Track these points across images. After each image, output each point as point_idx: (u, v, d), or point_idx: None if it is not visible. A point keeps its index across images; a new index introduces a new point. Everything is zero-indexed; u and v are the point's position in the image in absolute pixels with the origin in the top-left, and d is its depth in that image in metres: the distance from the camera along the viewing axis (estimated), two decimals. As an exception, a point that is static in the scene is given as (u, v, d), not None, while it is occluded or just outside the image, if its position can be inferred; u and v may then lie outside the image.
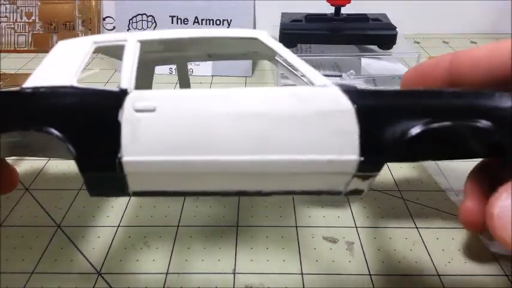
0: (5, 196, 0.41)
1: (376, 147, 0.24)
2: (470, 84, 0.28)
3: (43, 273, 0.33)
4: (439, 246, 0.36)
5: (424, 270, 0.33)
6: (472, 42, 0.82)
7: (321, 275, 0.33)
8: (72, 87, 0.25)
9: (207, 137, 0.24)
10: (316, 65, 0.64)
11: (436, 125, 0.23)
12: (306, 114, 0.24)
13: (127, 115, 0.24)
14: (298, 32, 0.63)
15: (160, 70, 0.65)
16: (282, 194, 0.26)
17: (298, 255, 0.35)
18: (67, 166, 0.45)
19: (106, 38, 0.28)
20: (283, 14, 0.68)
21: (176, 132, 0.24)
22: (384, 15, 0.66)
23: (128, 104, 0.25)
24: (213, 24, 0.65)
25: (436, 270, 0.33)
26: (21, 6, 0.77)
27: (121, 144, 0.24)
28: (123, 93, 0.25)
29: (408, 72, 0.33)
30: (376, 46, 0.64)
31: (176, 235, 0.37)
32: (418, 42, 0.81)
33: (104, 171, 0.25)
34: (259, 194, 0.26)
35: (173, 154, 0.24)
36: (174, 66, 0.65)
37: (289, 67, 0.33)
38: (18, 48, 0.77)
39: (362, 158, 0.24)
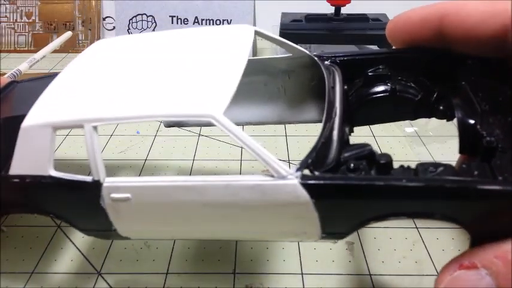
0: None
1: (336, 229, 0.26)
2: (462, 47, 0.27)
3: (43, 273, 0.33)
4: (439, 246, 0.36)
5: (424, 270, 0.33)
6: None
7: (321, 275, 0.33)
8: (51, 177, 0.27)
9: (180, 220, 0.27)
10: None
11: (392, 218, 0.24)
12: (268, 205, 0.25)
13: (108, 202, 0.26)
14: (298, 32, 0.63)
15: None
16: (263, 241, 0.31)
17: (298, 255, 0.35)
18: (67, 166, 0.45)
19: (64, 122, 0.27)
20: (283, 14, 0.68)
21: (152, 215, 0.27)
22: (384, 15, 0.66)
23: (105, 193, 0.26)
24: (212, 24, 0.65)
25: (436, 270, 0.33)
26: (21, 6, 0.77)
27: (111, 222, 0.27)
28: (97, 184, 0.26)
29: (393, 23, 0.30)
30: (376, 46, 0.64)
31: (176, 235, 0.37)
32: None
33: (106, 236, 0.30)
34: (244, 240, 0.32)
35: (155, 229, 0.29)
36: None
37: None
38: (18, 48, 0.77)
39: (324, 235, 0.26)
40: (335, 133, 0.27)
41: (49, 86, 0.30)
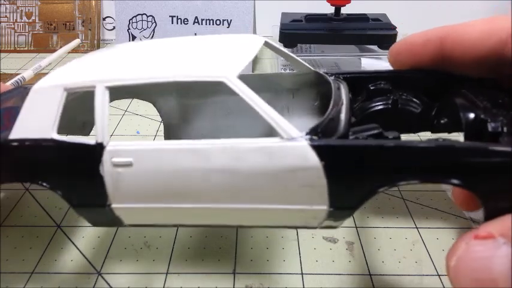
0: (5, 196, 0.41)
1: (344, 201, 0.25)
2: (461, 67, 0.27)
3: (43, 273, 0.33)
4: (439, 246, 0.36)
5: (424, 270, 0.33)
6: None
7: (321, 275, 0.33)
8: (53, 141, 0.26)
9: (182, 189, 0.26)
10: (316, 65, 0.64)
11: (403, 183, 0.24)
12: (274, 169, 0.24)
13: (107, 169, 0.26)
14: (298, 32, 0.63)
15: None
16: (263, 227, 0.28)
17: (298, 255, 0.35)
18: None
19: (76, 84, 0.28)
20: (283, 14, 0.68)
21: (154, 184, 0.26)
22: (384, 15, 0.66)
23: (106, 158, 0.25)
24: (213, 24, 0.65)
25: (436, 270, 0.33)
26: (21, 6, 0.77)
27: (107, 194, 0.26)
28: (100, 147, 0.26)
29: (396, 46, 0.31)
30: (376, 46, 0.64)
31: (176, 235, 0.37)
32: (418, 42, 0.81)
33: (96, 215, 0.28)
34: (240, 226, 0.28)
35: (153, 202, 0.27)
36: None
37: (288, 56, 0.34)
38: (18, 48, 0.77)
39: (331, 209, 0.25)
40: (342, 115, 0.27)
41: (64, 66, 0.30)
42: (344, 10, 0.64)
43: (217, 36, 0.34)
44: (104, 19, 0.80)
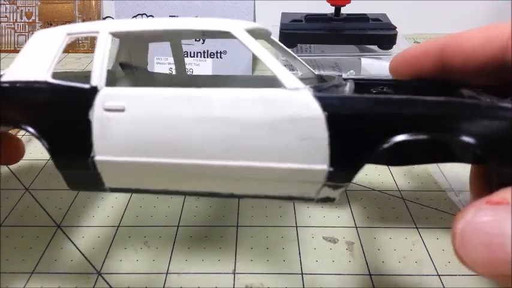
0: (4, 196, 0.41)
1: (345, 159, 0.23)
2: (461, 76, 0.27)
3: (43, 273, 0.33)
4: (439, 246, 0.36)
5: (424, 270, 0.33)
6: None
7: (321, 275, 0.33)
8: (46, 83, 0.25)
9: (175, 140, 0.24)
10: (316, 65, 0.64)
11: (412, 138, 0.22)
12: (274, 119, 0.23)
13: (97, 114, 0.24)
14: (298, 32, 0.63)
15: (160, 69, 0.65)
16: (254, 197, 0.26)
17: (298, 255, 0.35)
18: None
19: (79, 28, 0.28)
20: (283, 14, 0.68)
21: (145, 134, 0.24)
22: (384, 15, 0.66)
23: (98, 102, 0.24)
24: (213, 24, 0.65)
25: (436, 270, 0.33)
26: (21, 6, 0.77)
27: (93, 143, 0.24)
28: (93, 91, 0.24)
29: (397, 58, 0.31)
30: (376, 46, 0.64)
31: (176, 235, 0.37)
32: (418, 42, 0.81)
33: (78, 169, 0.26)
34: (231, 196, 0.26)
35: (143, 155, 0.25)
36: (174, 66, 0.65)
37: (286, 50, 0.34)
38: (18, 48, 0.77)
39: (331, 169, 0.23)
40: (347, 88, 0.26)
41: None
42: (344, 10, 0.64)
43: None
44: (103, 19, 0.80)
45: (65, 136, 0.25)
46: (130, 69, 0.38)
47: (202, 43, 0.66)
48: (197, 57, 0.66)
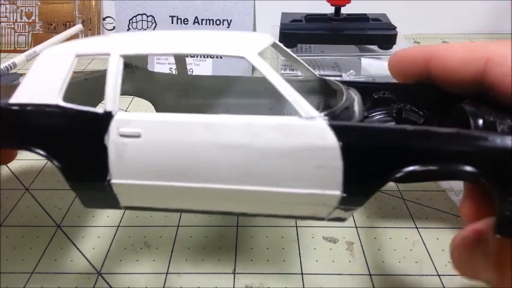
0: (4, 196, 0.41)
1: (359, 186, 0.24)
2: (448, 88, 0.28)
3: (43, 273, 0.33)
4: (439, 246, 0.36)
5: (424, 270, 0.33)
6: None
7: (321, 275, 0.33)
8: (57, 107, 0.25)
9: (191, 165, 0.24)
10: (316, 65, 0.64)
11: (423, 168, 0.23)
12: (291, 148, 0.23)
13: (113, 139, 0.24)
14: (298, 32, 0.63)
15: (160, 69, 0.65)
16: (267, 217, 0.27)
17: (298, 255, 0.35)
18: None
19: (89, 49, 0.27)
20: (283, 14, 0.68)
21: (161, 159, 0.24)
22: (384, 15, 0.66)
23: (113, 128, 0.24)
24: (213, 24, 0.65)
25: (436, 270, 0.33)
26: (21, 6, 0.77)
27: (109, 167, 0.25)
28: (108, 116, 0.25)
29: (393, 58, 0.32)
30: (376, 46, 0.64)
31: (176, 235, 0.37)
32: (418, 42, 0.81)
33: (94, 191, 0.26)
34: (244, 215, 0.27)
35: (158, 179, 0.25)
36: (174, 66, 0.65)
37: (290, 55, 0.34)
38: (18, 48, 0.77)
39: (345, 195, 0.24)
40: (356, 108, 0.26)
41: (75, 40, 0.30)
42: (344, 10, 0.64)
43: (226, 31, 0.34)
44: (103, 19, 0.80)
45: (79, 160, 0.26)
46: (130, 68, 0.38)
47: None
48: (197, 57, 0.66)
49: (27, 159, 0.47)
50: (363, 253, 0.35)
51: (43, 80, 0.26)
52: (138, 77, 0.39)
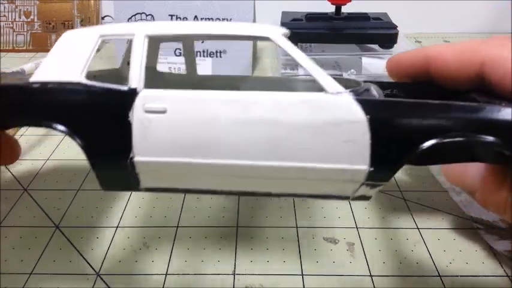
0: (3, 196, 0.41)
1: (386, 159, 0.24)
2: (450, 87, 0.28)
3: (42, 274, 0.33)
4: (441, 246, 0.35)
5: (426, 271, 0.33)
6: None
7: (322, 276, 0.33)
8: (80, 84, 0.25)
9: (217, 141, 0.24)
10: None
11: (449, 140, 0.23)
12: (318, 123, 0.24)
13: (137, 116, 0.24)
14: (298, 31, 0.62)
15: (159, 68, 0.65)
16: (291, 196, 0.27)
17: (299, 256, 0.35)
18: (65, 166, 0.45)
19: (113, 30, 0.28)
20: (284, 13, 0.67)
21: (187, 135, 0.24)
22: (385, 14, 0.65)
23: (138, 104, 0.24)
24: (212, 23, 0.65)
25: (438, 271, 0.33)
26: (19, 6, 0.77)
27: (132, 144, 0.25)
28: (133, 93, 0.25)
29: (390, 63, 0.32)
30: (377, 45, 0.64)
31: (175, 236, 0.37)
32: (419, 42, 0.81)
33: (115, 169, 0.26)
34: (268, 195, 0.27)
35: (184, 156, 0.25)
36: (173, 65, 0.65)
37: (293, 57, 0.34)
38: (16, 48, 0.76)
39: (372, 169, 0.24)
40: (375, 92, 0.27)
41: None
42: (345, 9, 0.63)
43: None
44: (102, 18, 0.80)
45: (102, 137, 0.25)
46: None
47: (202, 42, 0.65)
48: (197, 56, 0.66)
49: (27, 160, 0.46)
50: (363, 254, 0.35)
51: (65, 59, 0.26)
52: (148, 77, 0.38)
